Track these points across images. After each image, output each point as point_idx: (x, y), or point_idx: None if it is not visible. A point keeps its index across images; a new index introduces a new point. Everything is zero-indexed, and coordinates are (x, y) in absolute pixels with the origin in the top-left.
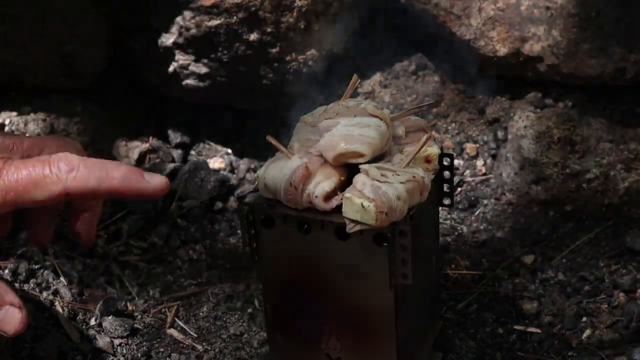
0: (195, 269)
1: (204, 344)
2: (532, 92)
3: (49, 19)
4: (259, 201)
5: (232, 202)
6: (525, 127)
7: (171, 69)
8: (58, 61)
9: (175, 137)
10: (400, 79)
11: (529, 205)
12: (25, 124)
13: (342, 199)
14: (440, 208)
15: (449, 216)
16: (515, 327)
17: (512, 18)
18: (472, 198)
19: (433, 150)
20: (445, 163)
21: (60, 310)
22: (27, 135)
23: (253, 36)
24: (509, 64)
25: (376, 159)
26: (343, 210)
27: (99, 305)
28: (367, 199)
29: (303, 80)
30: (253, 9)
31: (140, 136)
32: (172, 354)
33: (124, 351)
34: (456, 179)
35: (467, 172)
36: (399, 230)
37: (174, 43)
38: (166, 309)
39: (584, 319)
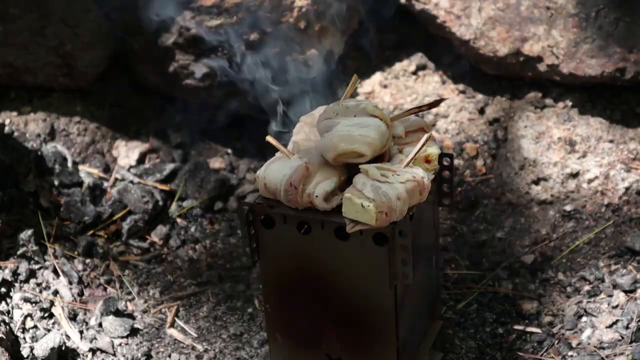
0: (195, 269)
1: (204, 344)
2: (532, 92)
3: (49, 19)
4: (259, 201)
5: (232, 202)
6: (525, 127)
7: (171, 69)
8: (58, 61)
9: (175, 137)
10: (400, 79)
11: (529, 205)
12: (25, 124)
13: (342, 199)
14: (440, 208)
15: (449, 216)
16: (515, 327)
17: (512, 18)
18: (472, 198)
19: (433, 150)
20: (445, 163)
21: (60, 310)
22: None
23: (253, 36)
24: (509, 64)
25: (376, 159)
26: (343, 210)
27: (99, 305)
28: (367, 199)
29: (303, 80)
30: (253, 9)
31: (140, 136)
32: (172, 354)
33: (124, 351)
34: (456, 179)
35: (467, 172)
36: (399, 230)
37: (174, 43)
38: (166, 309)
39: (584, 319)
